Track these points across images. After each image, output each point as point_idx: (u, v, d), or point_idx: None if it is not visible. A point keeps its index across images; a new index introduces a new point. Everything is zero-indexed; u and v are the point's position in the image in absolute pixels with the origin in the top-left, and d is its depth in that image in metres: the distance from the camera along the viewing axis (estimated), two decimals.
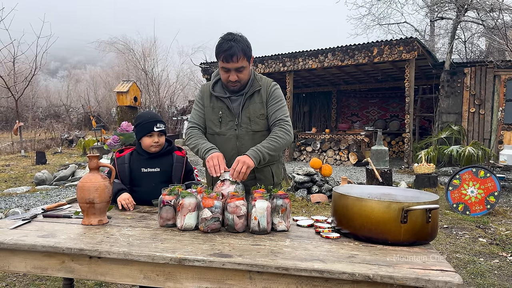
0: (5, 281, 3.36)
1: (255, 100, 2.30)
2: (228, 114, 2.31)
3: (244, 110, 2.29)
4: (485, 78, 10.45)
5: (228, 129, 2.31)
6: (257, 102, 2.30)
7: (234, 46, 2.11)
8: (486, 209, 5.60)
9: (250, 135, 2.30)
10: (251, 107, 2.29)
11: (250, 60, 2.24)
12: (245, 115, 2.29)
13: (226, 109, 2.31)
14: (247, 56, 2.18)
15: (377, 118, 15.43)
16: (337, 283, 1.42)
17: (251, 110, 2.29)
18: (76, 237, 1.76)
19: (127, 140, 4.49)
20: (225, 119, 2.31)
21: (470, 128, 10.67)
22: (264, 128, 2.33)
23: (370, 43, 10.59)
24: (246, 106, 2.29)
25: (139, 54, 23.59)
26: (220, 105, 2.32)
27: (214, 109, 2.33)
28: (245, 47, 2.16)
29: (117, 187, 2.39)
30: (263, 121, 2.31)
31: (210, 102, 2.35)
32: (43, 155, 11.50)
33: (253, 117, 2.29)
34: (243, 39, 2.19)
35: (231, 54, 2.12)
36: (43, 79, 38.04)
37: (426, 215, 1.63)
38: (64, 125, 20.60)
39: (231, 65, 2.16)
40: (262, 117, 2.31)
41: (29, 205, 6.16)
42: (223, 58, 2.15)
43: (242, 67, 2.18)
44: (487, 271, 3.62)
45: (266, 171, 2.39)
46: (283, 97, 2.38)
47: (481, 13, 11.67)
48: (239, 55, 2.13)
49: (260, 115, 2.30)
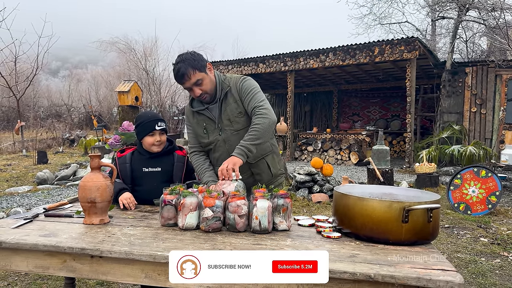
0: (6, 280, 3.37)
1: (229, 101, 2.33)
2: (210, 123, 2.37)
3: (223, 114, 2.34)
4: (487, 78, 10.44)
5: (215, 136, 2.37)
6: (231, 103, 2.33)
7: (181, 67, 2.19)
8: (487, 208, 5.59)
9: (235, 135, 2.34)
10: (228, 108, 2.33)
11: (206, 69, 2.27)
12: (225, 118, 2.34)
13: (208, 119, 2.37)
14: (198, 68, 2.21)
15: (378, 117, 15.42)
16: (338, 282, 1.42)
17: (228, 112, 2.33)
18: (78, 237, 1.76)
19: (129, 140, 4.49)
20: (210, 128, 2.38)
21: (472, 128, 10.65)
22: (246, 124, 2.34)
23: (371, 42, 10.58)
24: (224, 109, 2.34)
25: (140, 53, 23.59)
26: (202, 118, 2.39)
27: (199, 123, 2.41)
28: (192, 62, 2.20)
29: (119, 186, 2.40)
30: (242, 118, 2.34)
31: (193, 118, 2.43)
32: (44, 154, 11.51)
33: (233, 118, 2.33)
34: (190, 55, 2.23)
35: (181, 75, 2.19)
36: (45, 79, 38.07)
37: (427, 215, 1.63)
38: (65, 125, 20.62)
39: (187, 84, 2.23)
40: (241, 115, 2.34)
41: (30, 205, 6.17)
42: (178, 81, 2.25)
43: (199, 80, 2.23)
44: (489, 271, 3.62)
45: (261, 164, 2.42)
46: (254, 85, 2.38)
47: (482, 12, 11.65)
48: (188, 72, 2.18)
49: (238, 113, 2.34)
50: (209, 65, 2.30)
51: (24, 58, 14.94)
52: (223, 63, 13.88)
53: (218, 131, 2.36)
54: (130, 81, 14.36)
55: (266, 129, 2.23)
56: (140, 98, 14.45)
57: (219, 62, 14.09)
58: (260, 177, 2.41)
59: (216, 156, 2.40)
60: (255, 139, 2.19)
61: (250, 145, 2.17)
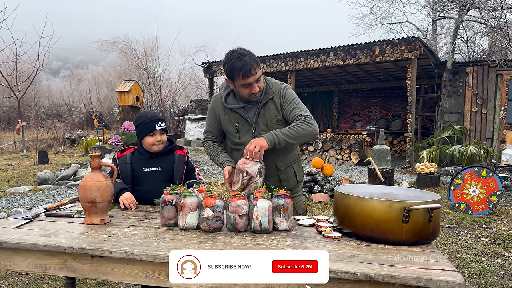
0: (7, 280, 3.37)
1: (270, 107, 2.31)
2: (244, 123, 2.33)
3: (260, 117, 2.31)
4: (487, 78, 10.42)
5: (248, 138, 2.31)
6: (272, 109, 2.31)
7: (247, 61, 2.15)
8: (488, 208, 5.58)
9: None
10: (267, 114, 2.31)
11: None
12: (262, 123, 2.31)
13: (242, 119, 2.33)
14: (259, 66, 2.22)
15: (379, 117, 15.41)
16: (339, 282, 1.42)
17: (267, 117, 2.31)
18: (78, 237, 1.76)
19: (129, 140, 4.49)
20: (243, 128, 2.34)
21: (472, 128, 10.64)
22: None
23: (372, 42, 10.57)
24: (262, 113, 2.31)
25: (141, 53, 23.62)
26: (236, 116, 2.34)
27: (230, 121, 2.36)
28: (255, 58, 2.21)
29: (119, 186, 2.40)
30: (280, 126, 2.31)
31: (225, 115, 2.37)
32: (45, 154, 11.52)
33: (271, 124, 2.31)
34: (250, 52, 2.24)
35: (249, 68, 2.15)
36: (45, 79, 38.10)
37: (427, 215, 1.63)
38: (66, 125, 20.62)
39: (252, 79, 2.19)
40: (279, 123, 2.32)
41: (31, 205, 6.17)
42: (243, 74, 2.16)
43: (260, 77, 2.24)
44: (489, 271, 3.62)
45: (289, 171, 2.43)
46: (295, 94, 2.38)
47: (483, 12, 11.64)
48: (254, 67, 2.17)
49: (276, 120, 2.32)
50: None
51: (25, 58, 14.96)
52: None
53: (252, 134, 2.33)
54: (130, 81, 14.35)
55: (305, 136, 2.23)
56: (140, 98, 14.44)
57: (219, 62, 14.08)
58: (287, 183, 2.40)
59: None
60: (291, 137, 2.18)
61: (282, 138, 2.16)
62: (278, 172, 2.38)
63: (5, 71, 14.41)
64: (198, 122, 17.76)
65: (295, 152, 2.46)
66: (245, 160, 2.08)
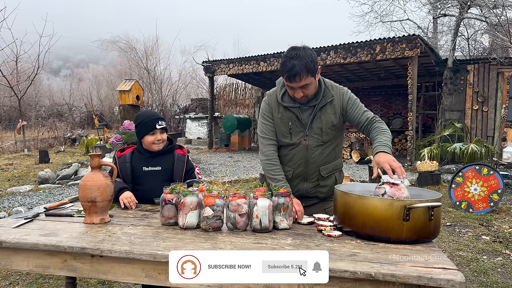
0: (8, 279, 3.38)
1: (327, 110, 2.20)
2: (298, 124, 2.22)
3: (316, 120, 2.20)
4: (488, 75, 10.40)
5: (298, 139, 2.23)
6: (329, 113, 2.20)
7: (296, 66, 2.01)
8: (489, 206, 5.58)
9: (319, 146, 2.23)
10: (323, 117, 2.20)
11: (317, 73, 2.12)
12: (317, 126, 2.20)
13: (295, 119, 2.22)
14: (311, 72, 2.05)
15: (379, 115, 15.38)
16: (339, 281, 1.41)
17: (323, 121, 2.20)
18: (78, 236, 1.76)
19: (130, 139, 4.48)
20: (295, 129, 2.23)
21: (473, 126, 10.62)
22: (333, 138, 2.25)
23: (372, 40, 10.55)
24: (318, 116, 2.20)
25: (141, 52, 23.64)
26: (290, 116, 2.23)
27: (283, 120, 2.24)
28: (308, 63, 2.03)
29: (119, 185, 2.40)
30: (334, 132, 2.23)
31: (279, 113, 2.25)
32: (46, 154, 11.52)
33: (325, 128, 2.20)
34: (307, 53, 2.06)
35: (294, 74, 2.03)
36: (46, 78, 38.13)
37: (428, 213, 1.63)
38: (67, 124, 20.63)
39: (295, 84, 2.07)
40: (333, 128, 2.22)
41: (32, 204, 6.18)
42: (287, 77, 2.08)
43: (307, 84, 2.08)
44: (490, 269, 3.61)
45: (330, 179, 2.31)
46: (357, 98, 2.28)
47: (484, 9, 11.62)
48: (302, 74, 2.02)
49: (331, 126, 2.21)
50: (319, 69, 2.14)
51: (25, 57, 14.95)
52: (224, 61, 13.86)
53: (304, 136, 2.22)
54: (131, 80, 14.35)
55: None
56: (141, 97, 14.44)
57: (220, 61, 14.08)
58: (324, 189, 2.30)
59: (289, 157, 2.28)
60: (389, 140, 2.05)
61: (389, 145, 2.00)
62: (319, 178, 2.27)
63: (5, 70, 14.41)
64: (199, 121, 17.76)
65: (339, 161, 2.36)
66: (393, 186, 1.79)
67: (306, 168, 2.26)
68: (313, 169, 2.25)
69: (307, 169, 2.25)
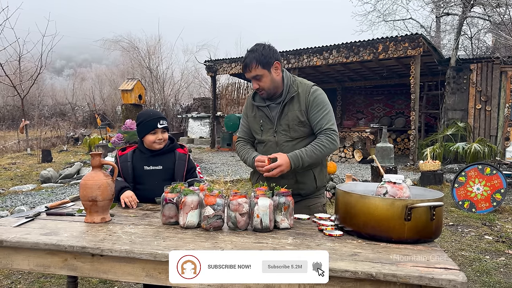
0: (10, 278, 3.38)
1: (294, 107, 2.26)
2: (267, 122, 2.33)
3: (283, 117, 2.28)
4: (492, 74, 10.36)
5: (268, 136, 2.33)
6: (295, 110, 2.26)
7: (247, 57, 2.19)
8: (492, 206, 5.55)
9: (289, 142, 2.29)
10: (290, 114, 2.27)
11: (271, 67, 2.20)
12: (284, 123, 2.28)
13: (265, 117, 2.33)
14: (261, 64, 2.17)
15: (382, 115, 15.37)
16: (340, 281, 1.41)
17: (289, 117, 2.27)
18: (79, 235, 1.76)
19: (131, 138, 4.49)
20: (266, 126, 2.34)
21: (476, 125, 10.58)
22: (303, 134, 2.29)
23: (375, 39, 10.52)
24: (285, 113, 2.28)
25: (143, 52, 23.66)
26: (261, 114, 2.36)
27: (255, 118, 2.38)
28: (260, 56, 2.17)
29: (120, 185, 2.40)
30: (302, 128, 2.28)
31: (252, 112, 2.40)
32: (49, 153, 11.54)
33: (292, 125, 2.27)
34: (262, 48, 2.20)
35: (245, 64, 2.21)
36: (49, 78, 38.23)
37: (430, 213, 1.62)
38: (69, 123, 20.69)
39: (247, 75, 2.22)
40: (301, 125, 2.27)
41: (34, 203, 6.19)
42: (242, 69, 2.25)
43: (258, 75, 2.20)
44: (493, 269, 3.59)
45: (308, 176, 2.32)
46: (327, 101, 2.31)
47: (487, 8, 11.57)
48: (251, 64, 2.17)
49: (298, 122, 2.26)
50: (276, 64, 2.22)
51: (28, 57, 14.99)
52: (226, 61, 13.86)
53: (273, 133, 2.31)
54: (133, 80, 14.37)
55: (327, 154, 2.21)
56: (143, 96, 14.46)
57: (222, 60, 14.07)
58: (304, 186, 2.32)
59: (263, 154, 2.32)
60: (316, 158, 2.16)
61: (307, 161, 2.14)
62: (295, 175, 2.28)
63: (8, 70, 14.44)
64: (201, 120, 17.76)
65: None
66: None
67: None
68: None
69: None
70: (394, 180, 1.78)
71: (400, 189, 1.75)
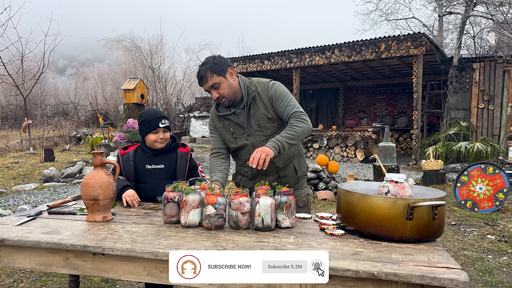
0: (12, 277, 3.39)
1: (258, 107, 2.30)
2: (238, 128, 2.35)
3: (252, 119, 2.31)
4: (494, 74, 10.32)
5: (243, 141, 2.35)
6: (261, 109, 2.30)
7: (201, 70, 2.24)
8: (494, 206, 5.54)
9: (264, 140, 2.28)
10: (257, 114, 2.30)
11: (226, 74, 2.25)
12: (255, 124, 2.31)
13: (235, 124, 2.36)
14: (216, 72, 2.21)
15: (384, 114, 15.33)
16: (341, 280, 1.40)
17: (258, 117, 2.30)
18: (80, 234, 1.76)
19: (133, 137, 4.49)
20: (237, 133, 2.36)
21: (479, 124, 10.55)
22: (276, 129, 2.33)
23: (377, 38, 10.50)
24: (252, 114, 2.31)
25: (146, 51, 23.64)
26: (229, 123, 2.38)
27: (225, 128, 2.40)
28: (213, 65, 2.22)
29: (122, 183, 2.40)
30: (273, 124, 2.32)
31: (220, 123, 2.42)
32: (51, 152, 11.57)
33: (262, 124, 2.31)
34: (212, 59, 2.27)
35: (200, 77, 2.24)
36: (52, 77, 38.31)
37: (432, 212, 1.61)
38: (72, 123, 20.72)
39: (205, 86, 2.25)
40: (270, 121, 2.31)
41: (37, 202, 6.21)
42: (198, 83, 2.29)
43: (216, 83, 2.23)
44: (496, 269, 3.58)
45: (288, 168, 2.39)
46: (287, 91, 2.34)
47: (490, 7, 11.53)
48: (207, 75, 2.21)
49: (267, 119, 2.31)
50: (230, 70, 2.27)
51: (30, 56, 15.03)
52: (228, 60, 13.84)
53: (246, 136, 2.34)
54: (135, 79, 14.41)
55: (303, 133, 2.21)
56: (145, 95, 14.49)
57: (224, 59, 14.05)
58: (287, 179, 2.38)
59: (242, 159, 2.41)
60: (292, 138, 2.16)
61: (285, 142, 2.14)
62: (277, 170, 2.36)
63: (11, 69, 14.48)
64: (203, 119, 17.76)
65: (294, 148, 2.41)
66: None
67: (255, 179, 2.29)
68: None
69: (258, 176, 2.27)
70: (396, 179, 1.77)
71: (402, 188, 1.75)
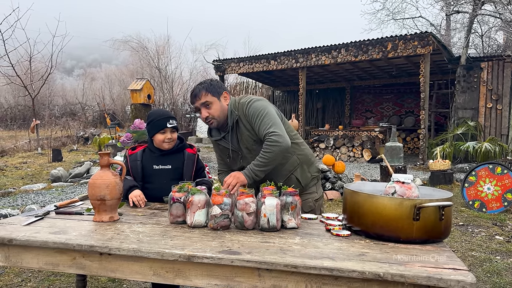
0: (21, 276, 3.42)
1: (242, 130, 2.30)
2: (233, 151, 2.37)
3: (240, 143, 2.33)
4: (503, 73, 10.23)
5: (240, 165, 2.38)
6: (245, 132, 2.29)
7: (196, 88, 2.29)
8: (503, 206, 5.49)
9: None
10: (243, 137, 2.31)
11: (220, 96, 2.27)
12: (244, 146, 2.33)
13: (227, 149, 2.38)
14: (211, 92, 2.25)
15: (391, 114, 15.25)
16: (347, 281, 1.40)
17: (244, 140, 2.31)
18: (87, 234, 1.77)
19: (140, 138, 4.51)
20: (233, 155, 2.39)
21: (487, 124, 10.46)
22: None
23: (384, 38, 10.45)
24: (239, 138, 2.32)
25: (152, 52, 23.73)
26: (222, 147, 2.43)
27: (222, 151, 2.46)
28: (209, 86, 2.27)
29: (129, 184, 2.41)
30: (261, 146, 2.23)
31: (216, 146, 2.49)
32: (59, 152, 11.65)
33: (250, 147, 2.31)
34: (209, 81, 2.32)
35: (194, 94, 2.28)
36: (59, 78, 38.54)
37: (439, 213, 1.60)
38: (79, 123, 20.85)
39: (197, 103, 2.27)
40: (256, 144, 2.28)
41: (45, 202, 6.25)
42: (191, 101, 2.34)
43: (208, 102, 2.25)
44: (504, 270, 3.55)
45: (291, 181, 2.35)
46: (260, 107, 2.25)
47: (498, 6, 11.42)
48: (201, 92, 2.25)
49: (254, 142, 2.29)
50: (225, 94, 2.30)
51: (39, 57, 15.12)
52: (235, 60, 13.87)
53: (240, 159, 2.37)
54: (142, 79, 14.46)
55: (276, 157, 2.17)
56: (152, 96, 14.54)
57: (230, 59, 14.09)
58: None
59: None
60: (263, 165, 2.16)
61: (257, 171, 2.16)
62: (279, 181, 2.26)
63: (19, 70, 14.59)
64: None
65: (293, 159, 2.37)
66: None
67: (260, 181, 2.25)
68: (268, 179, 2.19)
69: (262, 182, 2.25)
70: (402, 180, 1.76)
71: (409, 189, 1.74)
